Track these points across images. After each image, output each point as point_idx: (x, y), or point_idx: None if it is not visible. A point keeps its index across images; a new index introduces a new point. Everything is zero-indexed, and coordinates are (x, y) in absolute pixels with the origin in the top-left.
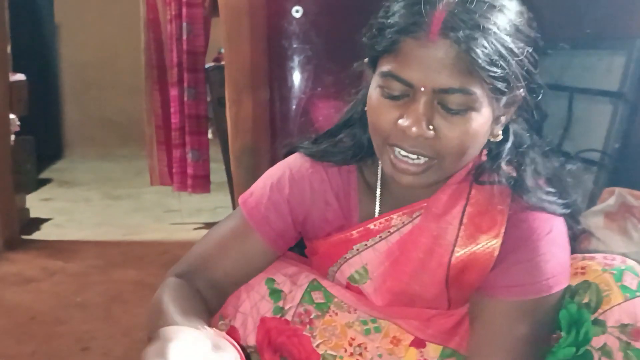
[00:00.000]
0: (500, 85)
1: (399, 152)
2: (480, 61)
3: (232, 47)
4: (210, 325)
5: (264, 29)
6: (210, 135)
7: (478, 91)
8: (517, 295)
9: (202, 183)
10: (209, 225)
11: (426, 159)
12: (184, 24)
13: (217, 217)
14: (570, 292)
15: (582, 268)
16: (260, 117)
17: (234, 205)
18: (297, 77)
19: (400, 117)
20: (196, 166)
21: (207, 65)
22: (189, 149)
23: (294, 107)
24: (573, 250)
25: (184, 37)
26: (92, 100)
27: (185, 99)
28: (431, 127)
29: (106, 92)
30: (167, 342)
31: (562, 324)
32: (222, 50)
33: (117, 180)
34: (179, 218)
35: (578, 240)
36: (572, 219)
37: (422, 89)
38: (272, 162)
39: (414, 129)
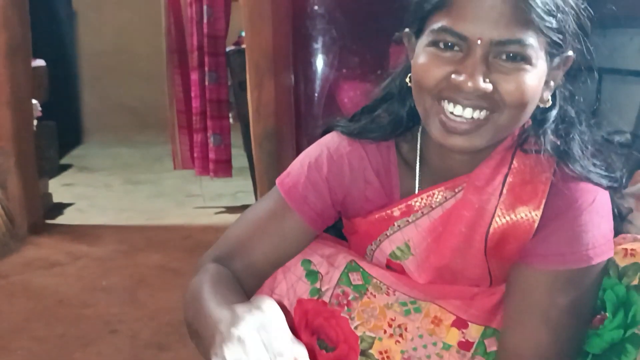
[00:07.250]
0: (556, 37)
1: (451, 113)
2: (538, 9)
3: (253, 29)
4: None
5: (288, 9)
6: (230, 120)
7: (534, 43)
8: (555, 265)
9: (223, 167)
10: (230, 210)
11: (484, 111)
12: (205, 7)
13: (239, 202)
14: (619, 274)
15: (632, 249)
16: (282, 101)
17: (255, 189)
18: (321, 59)
19: (454, 72)
20: (218, 150)
21: (227, 49)
22: (210, 133)
23: (318, 89)
24: (619, 230)
25: (205, 20)
26: (110, 87)
27: (206, 83)
28: (487, 80)
29: (124, 79)
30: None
31: (608, 306)
32: (243, 34)
33: (137, 166)
34: (201, 203)
35: (625, 219)
36: (618, 195)
37: (479, 41)
38: (296, 147)
39: (469, 83)
